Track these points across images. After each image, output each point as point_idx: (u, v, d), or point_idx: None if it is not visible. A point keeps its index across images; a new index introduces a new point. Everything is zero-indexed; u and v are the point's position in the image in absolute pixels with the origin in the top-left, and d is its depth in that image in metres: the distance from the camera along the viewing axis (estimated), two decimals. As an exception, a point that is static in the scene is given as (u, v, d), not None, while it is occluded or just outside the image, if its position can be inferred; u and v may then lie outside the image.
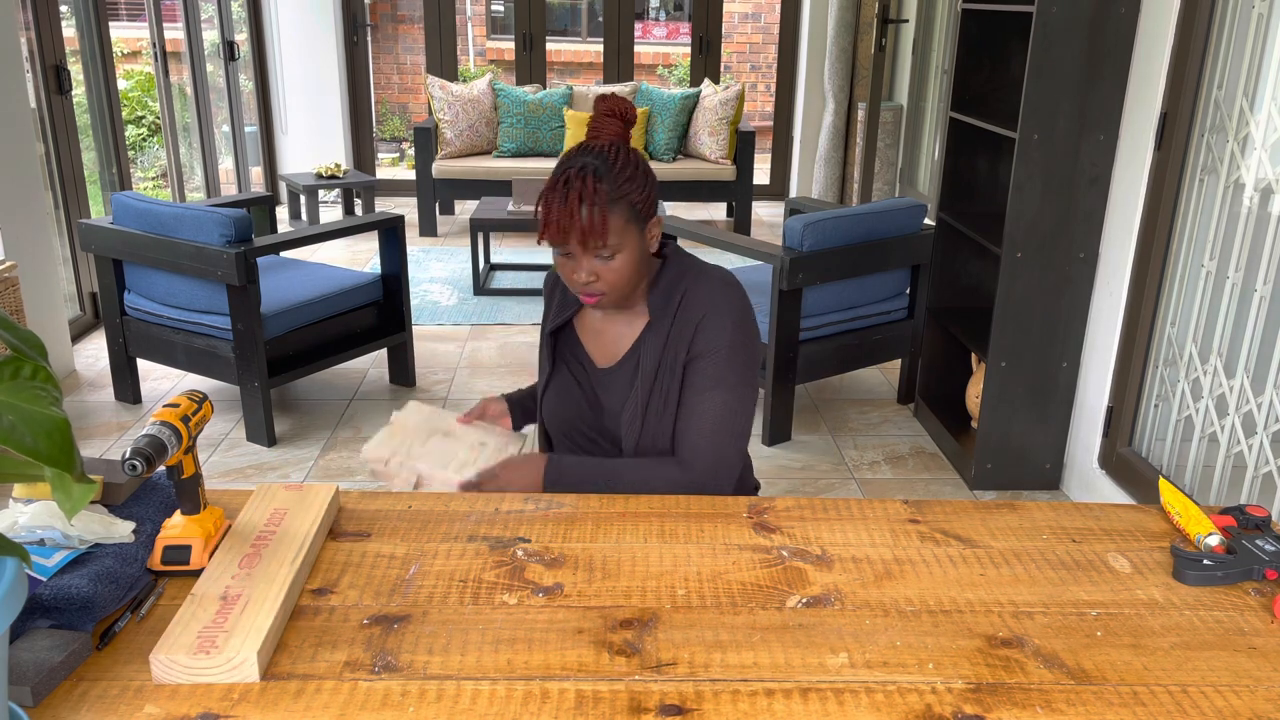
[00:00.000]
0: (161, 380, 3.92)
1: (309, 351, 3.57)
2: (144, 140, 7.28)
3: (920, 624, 1.21)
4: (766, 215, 7.04)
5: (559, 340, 1.76)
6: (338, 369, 4.04)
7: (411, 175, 6.94)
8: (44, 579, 1.16)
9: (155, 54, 5.47)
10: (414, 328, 4.25)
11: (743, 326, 1.59)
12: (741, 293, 1.63)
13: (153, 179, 7.08)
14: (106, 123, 4.76)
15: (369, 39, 8.00)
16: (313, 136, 6.93)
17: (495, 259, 5.81)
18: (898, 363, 4.02)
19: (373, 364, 4.13)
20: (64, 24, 4.22)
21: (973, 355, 3.53)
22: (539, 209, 1.52)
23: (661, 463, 1.61)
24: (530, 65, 7.18)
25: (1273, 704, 1.08)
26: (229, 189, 6.45)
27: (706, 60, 7.26)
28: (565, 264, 1.56)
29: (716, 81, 6.94)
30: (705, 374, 1.58)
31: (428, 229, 6.33)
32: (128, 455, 1.16)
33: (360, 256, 5.75)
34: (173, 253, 3.27)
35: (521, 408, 1.85)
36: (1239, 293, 2.48)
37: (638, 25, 9.12)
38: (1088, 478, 3.05)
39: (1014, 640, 1.18)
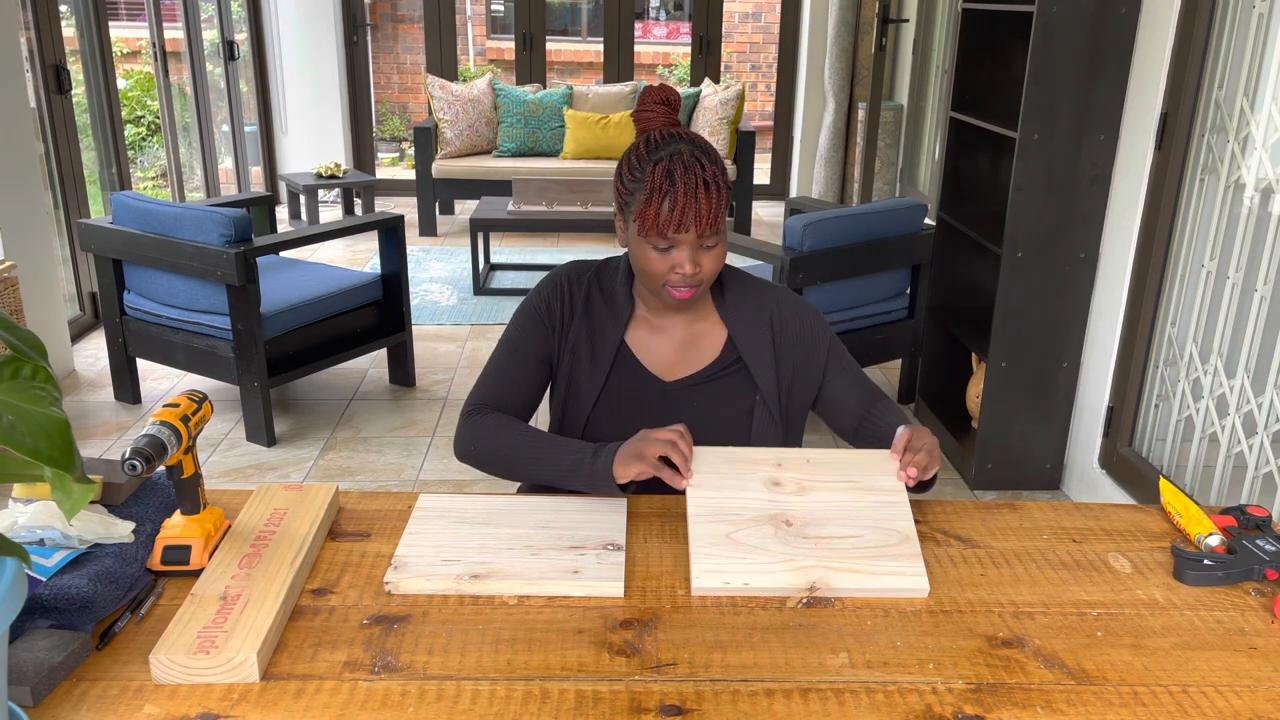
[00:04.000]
0: (161, 380, 3.92)
1: (309, 351, 3.56)
2: (144, 140, 7.28)
3: (920, 624, 1.21)
4: (766, 215, 7.04)
5: (601, 354, 1.62)
6: (338, 369, 4.04)
7: (411, 175, 6.94)
8: (44, 579, 1.16)
9: (155, 54, 5.47)
10: (414, 328, 4.25)
11: (821, 314, 1.70)
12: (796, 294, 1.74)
13: (152, 179, 7.07)
14: (106, 122, 4.75)
15: (369, 39, 8.00)
16: (313, 136, 6.93)
17: (495, 259, 5.81)
18: (898, 363, 4.02)
19: (373, 364, 4.13)
20: (64, 24, 4.22)
21: (973, 355, 3.53)
22: (650, 199, 1.43)
23: (889, 406, 1.64)
24: (530, 65, 7.18)
25: (1273, 704, 1.08)
26: (229, 189, 6.45)
27: (706, 60, 7.26)
28: (662, 259, 1.47)
29: (717, 81, 6.94)
30: (838, 360, 1.67)
31: (428, 229, 6.32)
32: (127, 455, 1.16)
33: (360, 256, 5.75)
34: (173, 253, 3.27)
35: None
36: (1239, 293, 2.48)
37: (638, 25, 9.11)
38: (1088, 478, 3.05)
39: (1014, 640, 1.18)
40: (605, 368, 1.60)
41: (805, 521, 1.34)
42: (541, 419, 2.02)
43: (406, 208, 6.64)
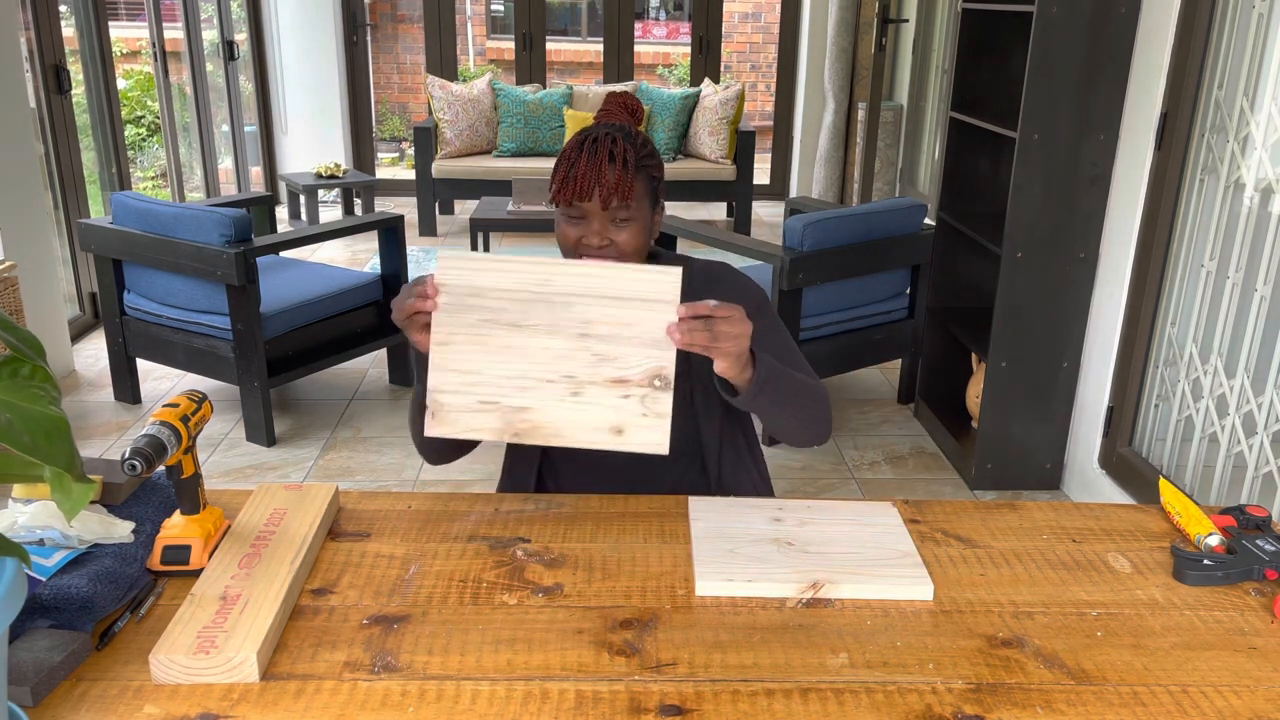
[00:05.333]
0: (161, 380, 3.92)
1: (309, 351, 3.56)
2: (144, 140, 7.28)
3: (920, 624, 1.21)
4: (766, 215, 7.04)
5: None
6: (338, 369, 4.04)
7: (411, 175, 6.94)
8: (44, 579, 1.16)
9: (155, 54, 5.47)
10: (414, 328, 4.24)
11: (759, 288, 1.67)
12: (734, 268, 1.71)
13: (152, 179, 7.07)
14: (106, 123, 4.75)
15: (369, 39, 7.99)
16: (313, 136, 6.92)
17: (495, 259, 5.80)
18: (898, 363, 4.02)
19: (373, 364, 4.13)
20: (64, 24, 4.22)
21: (973, 355, 3.53)
22: (558, 167, 1.50)
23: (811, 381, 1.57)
24: (530, 65, 7.18)
25: (1273, 704, 1.08)
26: (229, 189, 6.45)
27: (706, 60, 7.26)
28: (573, 229, 1.52)
29: (716, 81, 6.94)
30: (769, 331, 1.61)
31: (427, 229, 6.32)
32: (127, 455, 1.16)
33: (360, 256, 5.74)
34: (172, 253, 3.27)
35: None
36: (1239, 293, 2.48)
37: (638, 25, 9.11)
38: (1088, 478, 3.05)
39: (1014, 640, 1.18)
40: None
41: (807, 542, 1.36)
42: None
43: (406, 208, 6.64)
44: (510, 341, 1.24)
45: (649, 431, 1.22)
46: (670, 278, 1.23)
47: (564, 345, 1.23)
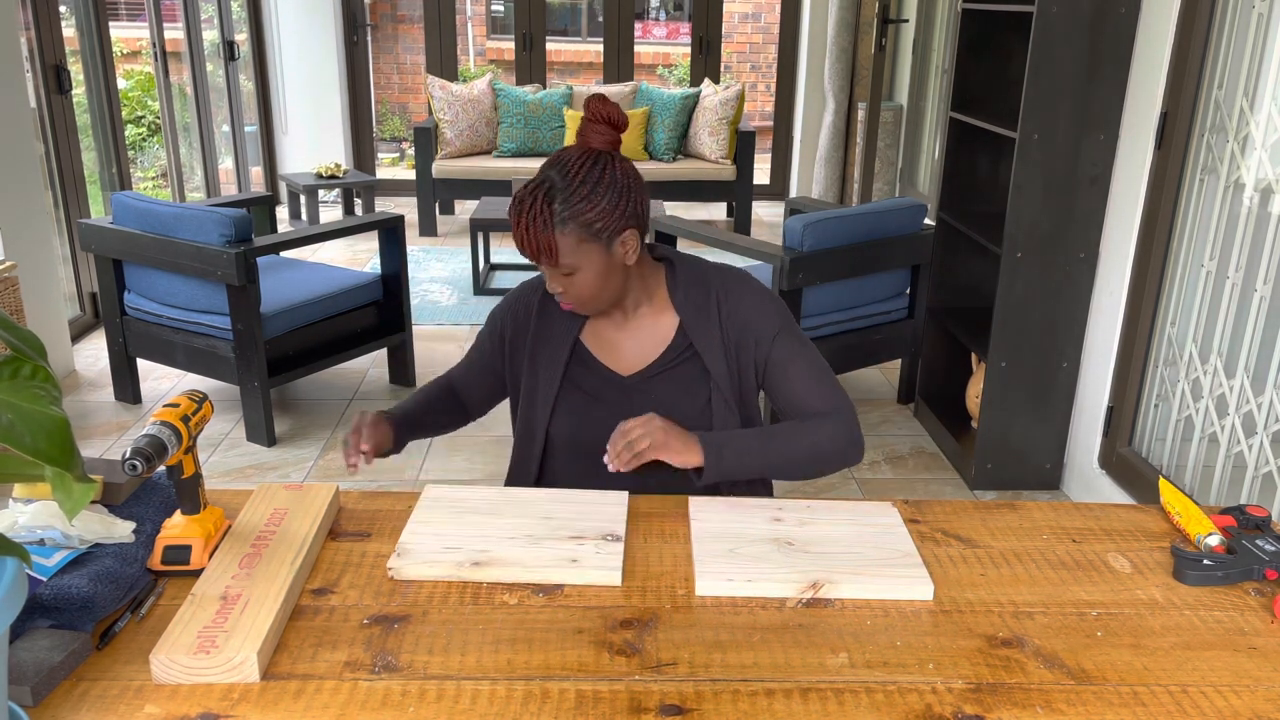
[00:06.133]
0: (161, 380, 3.92)
1: (309, 351, 3.56)
2: (144, 140, 7.28)
3: (920, 624, 1.21)
4: (766, 215, 7.04)
5: (555, 354, 1.68)
6: (338, 369, 4.04)
7: (411, 175, 6.94)
8: (44, 579, 1.16)
9: (155, 54, 5.47)
10: (414, 327, 4.25)
11: (779, 299, 1.69)
12: (753, 278, 1.72)
13: (153, 179, 7.07)
14: (106, 122, 4.75)
15: (369, 39, 8.00)
16: (313, 136, 6.92)
17: (495, 259, 5.81)
18: (898, 363, 4.02)
19: (373, 364, 4.13)
20: (64, 24, 4.22)
21: (973, 355, 3.53)
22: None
23: (810, 422, 1.58)
24: (530, 65, 7.18)
25: (1273, 704, 1.08)
26: (229, 189, 6.45)
27: (706, 60, 7.26)
28: (542, 270, 1.56)
29: (716, 81, 6.94)
30: (786, 347, 1.62)
31: (428, 229, 6.32)
32: (128, 455, 1.16)
33: (360, 256, 5.75)
34: (173, 253, 3.27)
35: (409, 423, 1.69)
36: (1239, 293, 2.48)
37: (638, 25, 9.11)
38: (1088, 478, 3.05)
39: (1014, 640, 1.18)
40: (560, 370, 1.64)
41: (807, 542, 1.36)
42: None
43: (406, 208, 6.64)
44: (480, 520, 1.40)
45: (601, 568, 1.29)
46: (620, 510, 1.44)
47: (528, 522, 1.40)
